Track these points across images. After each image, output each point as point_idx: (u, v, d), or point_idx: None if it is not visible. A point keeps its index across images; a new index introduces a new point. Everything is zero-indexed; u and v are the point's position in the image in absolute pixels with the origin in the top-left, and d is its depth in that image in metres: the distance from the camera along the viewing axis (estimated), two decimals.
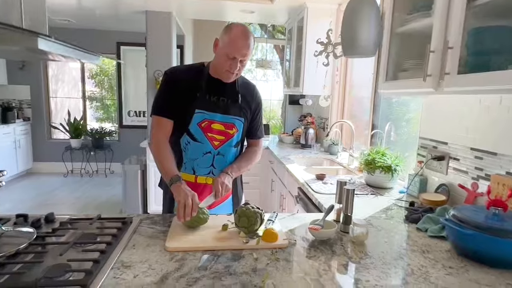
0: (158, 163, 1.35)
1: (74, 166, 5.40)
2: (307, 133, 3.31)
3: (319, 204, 1.67)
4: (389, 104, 2.79)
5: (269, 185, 3.33)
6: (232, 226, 1.22)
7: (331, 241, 1.19)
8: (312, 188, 1.87)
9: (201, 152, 1.45)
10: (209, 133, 1.44)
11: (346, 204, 1.27)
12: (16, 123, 4.96)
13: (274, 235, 1.14)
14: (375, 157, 1.96)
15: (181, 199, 1.17)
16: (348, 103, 3.27)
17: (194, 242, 1.10)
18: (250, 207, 1.19)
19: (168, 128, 1.41)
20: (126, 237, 1.12)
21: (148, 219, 1.32)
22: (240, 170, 1.47)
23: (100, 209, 3.83)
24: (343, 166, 2.63)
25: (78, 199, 4.22)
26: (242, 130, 1.51)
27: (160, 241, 1.12)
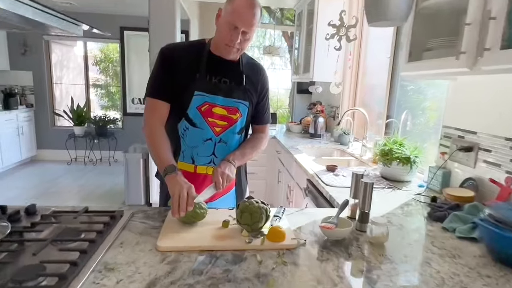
0: (151, 151, 1.22)
1: (78, 154, 5.33)
2: (317, 122, 3.14)
3: (331, 198, 1.52)
4: (404, 92, 2.60)
5: (275, 176, 3.19)
6: (234, 223, 1.08)
7: (346, 242, 1.04)
8: (322, 180, 1.72)
9: (201, 139, 1.31)
10: (210, 118, 1.29)
11: (363, 200, 1.12)
12: (19, 109, 4.88)
13: (281, 234, 1.00)
14: (392, 147, 1.79)
15: (176, 191, 1.03)
16: (361, 90, 3.08)
17: (190, 241, 0.97)
18: (253, 202, 1.05)
19: (164, 112, 1.27)
20: (114, 234, 0.99)
21: (141, 213, 1.19)
22: (243, 158, 1.32)
23: (103, 198, 3.75)
24: (355, 157, 2.46)
25: (81, 187, 4.15)
26: (247, 115, 1.36)
27: (151, 239, 0.99)
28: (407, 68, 1.47)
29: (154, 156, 1.20)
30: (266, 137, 1.45)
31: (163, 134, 1.24)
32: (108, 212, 1.13)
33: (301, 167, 2.10)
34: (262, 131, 1.45)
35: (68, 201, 3.64)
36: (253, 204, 1.04)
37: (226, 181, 1.15)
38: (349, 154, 2.59)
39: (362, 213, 1.13)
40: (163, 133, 1.25)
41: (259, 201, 1.06)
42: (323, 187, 1.63)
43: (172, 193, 1.04)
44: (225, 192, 1.36)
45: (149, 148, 1.23)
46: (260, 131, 1.45)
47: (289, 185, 2.54)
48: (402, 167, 1.73)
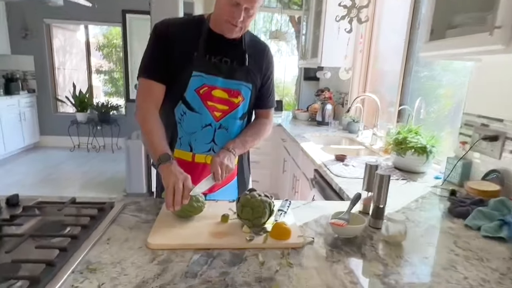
0: (145, 139, 1.11)
1: (81, 140, 5.27)
2: (325, 109, 3.01)
3: (340, 190, 1.41)
4: (417, 79, 2.45)
5: (281, 165, 3.08)
6: (234, 217, 0.98)
7: (359, 240, 0.93)
8: (331, 170, 1.61)
9: (199, 125, 1.20)
10: (209, 102, 1.18)
11: (378, 194, 1.01)
12: (21, 95, 4.81)
13: (285, 231, 0.89)
14: (406, 136, 1.66)
15: (170, 183, 0.93)
16: (371, 76, 2.92)
17: (184, 238, 0.87)
18: (256, 195, 0.94)
19: (159, 94, 1.16)
20: (101, 229, 0.90)
21: (134, 205, 1.09)
22: (245, 146, 1.21)
23: (104, 186, 3.69)
24: (365, 146, 2.34)
25: (83, 174, 4.09)
26: (250, 99, 1.24)
27: (142, 235, 0.89)
28: (428, 48, 1.33)
29: (147, 144, 1.09)
30: (270, 123, 1.33)
31: (157, 119, 1.13)
32: (97, 203, 1.04)
33: (308, 156, 1.99)
34: (266, 116, 1.33)
35: (69, 188, 3.59)
36: (255, 197, 0.93)
37: (225, 171, 1.04)
38: (359, 143, 2.46)
39: (376, 208, 1.02)
40: (157, 118, 1.13)
41: (262, 194, 0.96)
42: (332, 178, 1.51)
43: (166, 184, 0.94)
44: (225, 183, 1.25)
45: (142, 136, 1.12)
46: (263, 116, 1.33)
47: (295, 175, 2.43)
48: (418, 157, 1.60)
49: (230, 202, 1.12)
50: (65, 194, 3.45)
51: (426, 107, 2.11)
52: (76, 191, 3.53)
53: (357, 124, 2.69)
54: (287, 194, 2.81)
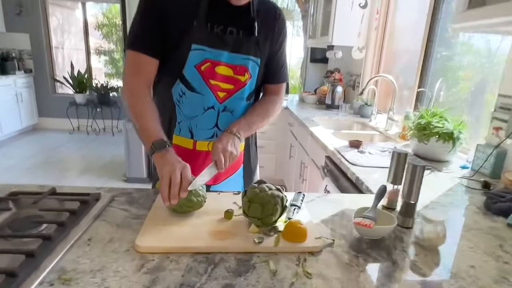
0: (135, 122, 0.94)
1: (81, 123, 5.12)
2: (335, 92, 2.82)
3: (357, 181, 1.26)
4: (434, 60, 2.25)
5: (287, 150, 2.93)
6: (240, 213, 0.84)
7: (387, 242, 0.79)
8: (346, 158, 1.45)
9: (200, 107, 1.04)
10: (212, 80, 1.01)
11: (410, 188, 0.86)
12: (17, 74, 4.63)
13: (301, 232, 0.74)
14: (431, 120, 1.49)
15: (166, 173, 0.78)
16: (386, 56, 2.72)
17: (180, 239, 0.72)
18: (265, 188, 0.79)
19: (150, 70, 0.99)
20: (81, 226, 0.76)
21: (124, 196, 0.95)
22: (251, 128, 1.05)
23: (103, 170, 3.57)
24: (379, 132, 2.17)
25: (82, 158, 3.97)
26: (258, 76, 1.07)
27: (131, 234, 0.75)
28: (464, 18, 1.15)
29: (138, 129, 0.93)
30: (280, 101, 1.16)
31: (149, 99, 0.96)
32: (79, 195, 0.89)
33: (319, 141, 1.83)
34: (276, 92, 1.16)
35: (68, 172, 3.48)
36: (265, 191, 0.78)
37: (229, 159, 0.89)
38: (372, 128, 2.29)
39: (406, 205, 0.87)
40: (149, 98, 0.97)
41: (273, 187, 0.80)
42: (348, 167, 1.36)
43: (162, 175, 0.79)
44: (230, 172, 1.10)
45: (132, 120, 0.96)
46: (273, 93, 1.15)
47: (303, 162, 2.28)
48: (443, 144, 1.44)
49: (235, 194, 0.98)
50: (64, 178, 3.36)
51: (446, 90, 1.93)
52: (74, 175, 3.42)
53: (370, 108, 2.51)
54: (293, 181, 2.67)
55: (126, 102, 0.96)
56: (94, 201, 0.88)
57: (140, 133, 0.91)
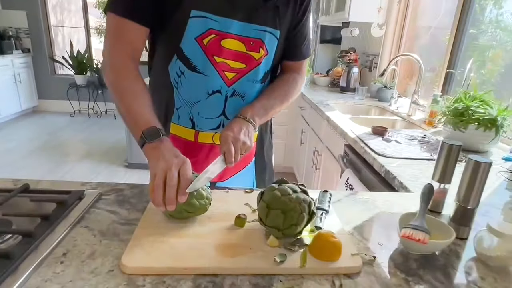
0: (119, 105, 0.75)
1: (82, 105, 4.97)
2: (350, 73, 2.60)
3: (387, 174, 1.08)
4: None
5: (298, 136, 2.75)
6: (254, 219, 0.67)
7: (441, 259, 0.62)
8: (370, 147, 1.27)
9: (204, 91, 0.85)
10: (217, 57, 0.82)
11: (469, 189, 0.68)
12: (14, 54, 4.44)
13: (335, 248, 0.58)
14: (470, 105, 1.30)
15: (159, 171, 0.61)
16: (408, 33, 2.48)
17: (179, 256, 0.56)
18: (288, 190, 0.62)
19: (138, 39, 0.79)
20: (55, 236, 0.60)
21: (114, 193, 0.79)
22: (267, 113, 0.87)
23: (104, 155, 3.43)
24: (401, 117, 1.97)
25: (83, 142, 3.83)
26: (276, 52, 0.88)
27: (117, 245, 0.59)
28: None
29: (124, 114, 0.74)
30: (302, 79, 0.97)
31: (136, 76, 0.78)
32: (59, 192, 0.73)
33: (337, 128, 1.64)
34: (297, 69, 0.97)
35: (68, 157, 3.35)
36: (288, 194, 0.61)
37: (241, 151, 0.72)
38: (392, 112, 2.10)
39: (462, 210, 0.69)
40: (136, 74, 0.78)
41: (297, 188, 0.63)
42: (375, 158, 1.18)
43: (154, 174, 0.62)
44: (239, 166, 0.93)
45: (115, 102, 0.77)
46: (294, 70, 0.96)
47: (316, 149, 2.11)
48: (483, 133, 1.25)
49: (247, 192, 0.81)
50: (63, 163, 3.23)
51: (476, 71, 1.73)
52: (75, 160, 3.28)
53: (390, 91, 2.30)
54: (304, 169, 2.50)
55: (108, 80, 0.77)
56: (75, 201, 0.72)
57: (127, 119, 0.73)
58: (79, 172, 3.01)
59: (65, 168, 3.08)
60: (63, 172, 2.99)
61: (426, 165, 1.14)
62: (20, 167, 3.02)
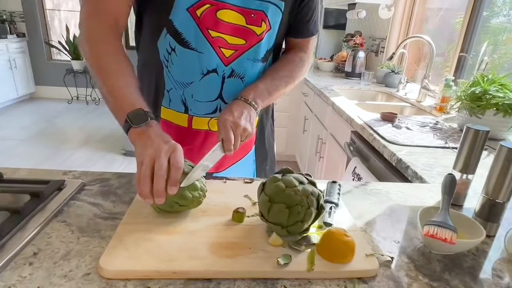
0: (100, 84, 0.65)
1: (80, 92, 4.86)
2: (356, 58, 2.49)
3: (399, 163, 1.00)
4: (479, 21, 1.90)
5: (300, 123, 2.66)
6: (254, 214, 0.59)
7: (467, 260, 0.54)
8: (380, 134, 1.19)
9: (198, 71, 0.76)
10: (213, 31, 0.73)
11: (500, 181, 0.60)
12: (9, 39, 4.31)
13: (347, 248, 0.50)
14: (487, 89, 1.20)
15: (146, 158, 0.53)
16: (418, 15, 2.36)
17: (167, 257, 0.49)
18: (293, 181, 0.53)
19: (120, 8, 0.70)
20: (26, 233, 0.52)
21: (98, 183, 0.71)
22: (271, 96, 0.78)
23: (103, 142, 3.35)
24: (409, 103, 1.88)
25: (80, 129, 3.75)
26: (279, 27, 0.78)
27: (97, 244, 0.52)
28: None
29: (105, 95, 0.65)
30: (309, 59, 0.88)
31: (119, 50, 0.68)
32: (35, 182, 0.65)
33: (343, 114, 1.55)
34: (303, 48, 0.87)
35: (64, 144, 3.27)
36: (293, 185, 0.52)
37: (241, 137, 0.64)
38: (400, 98, 2.00)
39: (491, 205, 0.61)
40: (119, 48, 0.68)
41: (304, 179, 0.55)
42: (385, 145, 1.10)
43: (140, 161, 0.54)
44: (239, 155, 0.85)
45: (96, 81, 0.67)
46: (300, 48, 0.87)
47: (320, 137, 2.02)
48: (502, 119, 1.16)
49: (247, 182, 0.73)
50: (60, 151, 3.15)
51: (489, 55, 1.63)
52: (72, 147, 3.21)
53: (398, 76, 2.20)
54: (307, 158, 2.42)
55: (85, 55, 0.68)
56: (54, 192, 0.64)
57: (109, 100, 0.64)
58: (76, 159, 2.94)
59: (62, 155, 3.01)
60: (60, 160, 2.92)
61: (441, 153, 1.05)
62: (16, 154, 2.95)
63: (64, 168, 2.67)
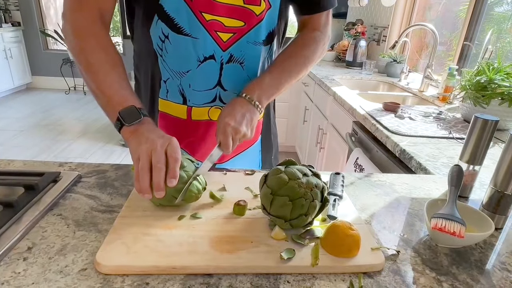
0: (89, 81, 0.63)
1: (77, 82, 4.80)
2: (357, 47, 2.45)
3: (402, 154, 0.98)
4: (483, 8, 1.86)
5: (300, 114, 2.63)
6: (256, 206, 0.58)
7: (474, 253, 0.53)
8: (383, 124, 1.16)
9: (194, 58, 0.72)
10: (207, 14, 0.69)
11: (508, 172, 0.58)
12: (4, 28, 4.24)
13: (353, 241, 0.48)
14: (493, 78, 1.18)
15: (142, 153, 0.51)
16: (420, 3, 2.31)
17: (166, 252, 0.47)
18: (296, 172, 0.51)
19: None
20: (20, 226, 0.51)
21: (95, 176, 0.69)
22: (279, 90, 0.73)
23: (101, 133, 3.33)
24: (412, 93, 1.85)
25: (77, 120, 3.72)
26: (281, 4, 0.74)
27: (94, 238, 0.50)
28: None
29: (94, 92, 0.62)
30: (325, 37, 0.80)
31: (107, 44, 0.65)
32: (29, 175, 0.63)
33: (344, 104, 1.53)
34: (317, 25, 0.79)
35: (62, 135, 3.24)
36: (297, 177, 0.50)
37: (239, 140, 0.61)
38: (402, 88, 1.97)
39: (499, 197, 0.60)
40: (107, 42, 0.65)
41: (308, 171, 0.53)
42: (388, 136, 1.08)
43: (137, 157, 0.52)
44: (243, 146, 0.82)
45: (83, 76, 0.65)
46: (313, 26, 0.79)
47: (321, 127, 2.00)
48: (508, 108, 1.14)
49: (248, 173, 0.71)
50: (57, 142, 3.13)
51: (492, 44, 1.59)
52: (69, 139, 3.18)
53: (400, 65, 2.16)
54: (307, 149, 2.40)
55: (70, 47, 0.64)
56: (50, 184, 0.62)
57: (99, 97, 0.61)
58: (74, 151, 2.92)
59: (60, 146, 2.98)
60: (58, 151, 2.90)
61: (445, 143, 1.03)
62: (13, 146, 2.92)
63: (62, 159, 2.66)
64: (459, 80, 1.51)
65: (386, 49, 2.45)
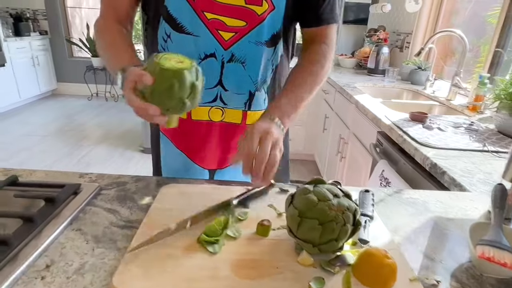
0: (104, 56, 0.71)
1: (99, 88, 4.93)
2: (380, 54, 2.38)
3: (433, 168, 0.92)
4: None
5: (320, 122, 2.58)
6: (280, 226, 0.54)
7: None
8: (410, 135, 1.11)
9: (195, 55, 0.72)
10: (209, 13, 0.69)
11: None
12: (32, 36, 4.41)
13: (389, 272, 0.44)
14: None
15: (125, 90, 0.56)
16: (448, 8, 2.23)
17: (184, 277, 0.44)
18: (327, 194, 0.48)
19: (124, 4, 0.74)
20: (40, 242, 0.49)
21: (115, 188, 0.68)
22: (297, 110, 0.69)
23: (121, 139, 3.38)
24: (439, 102, 1.77)
25: (99, 125, 3.80)
26: (286, 7, 0.72)
27: (113, 257, 0.48)
28: None
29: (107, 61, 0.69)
30: (331, 51, 0.77)
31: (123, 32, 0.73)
32: (50, 186, 0.63)
33: (368, 113, 1.48)
34: (322, 38, 0.76)
35: (84, 140, 3.32)
36: (327, 199, 0.47)
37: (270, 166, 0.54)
38: (428, 96, 1.89)
39: None
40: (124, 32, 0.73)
41: (339, 192, 0.49)
42: (416, 148, 1.02)
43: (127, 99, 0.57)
44: None
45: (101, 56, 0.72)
46: (320, 39, 0.76)
47: (342, 136, 1.94)
48: None
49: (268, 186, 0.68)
50: (79, 147, 3.20)
51: None
52: (91, 144, 3.25)
53: (425, 72, 2.08)
54: (327, 158, 2.35)
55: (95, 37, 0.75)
56: (71, 196, 0.61)
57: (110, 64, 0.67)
58: (95, 156, 2.97)
59: (81, 152, 3.05)
60: (80, 156, 2.96)
61: (480, 157, 0.97)
62: (37, 151, 3.01)
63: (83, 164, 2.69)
64: (491, 89, 1.43)
65: (410, 56, 2.37)
